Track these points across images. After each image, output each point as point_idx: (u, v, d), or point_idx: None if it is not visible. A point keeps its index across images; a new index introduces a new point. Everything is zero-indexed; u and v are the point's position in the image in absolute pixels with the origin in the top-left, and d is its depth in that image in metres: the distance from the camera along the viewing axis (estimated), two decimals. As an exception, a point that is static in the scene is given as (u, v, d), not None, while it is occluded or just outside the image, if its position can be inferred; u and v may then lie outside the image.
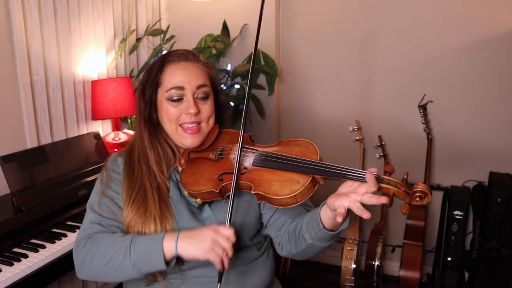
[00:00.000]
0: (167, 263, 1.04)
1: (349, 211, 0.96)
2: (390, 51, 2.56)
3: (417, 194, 0.91)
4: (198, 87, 1.16)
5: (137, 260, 1.03)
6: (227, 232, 1.02)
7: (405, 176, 0.96)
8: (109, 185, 1.17)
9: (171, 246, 1.02)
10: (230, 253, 1.01)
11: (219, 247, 1.00)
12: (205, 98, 1.18)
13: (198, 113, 1.16)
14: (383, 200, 0.90)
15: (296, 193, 0.99)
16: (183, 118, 1.16)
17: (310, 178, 0.99)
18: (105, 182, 1.18)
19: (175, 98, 1.15)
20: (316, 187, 1.02)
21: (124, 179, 1.17)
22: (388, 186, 0.93)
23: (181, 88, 1.15)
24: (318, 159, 1.03)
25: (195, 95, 1.16)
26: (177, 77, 1.16)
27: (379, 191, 0.95)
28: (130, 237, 1.06)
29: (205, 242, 1.00)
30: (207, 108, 1.18)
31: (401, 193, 0.93)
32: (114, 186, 1.17)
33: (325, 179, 0.99)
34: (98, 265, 1.07)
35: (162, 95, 1.17)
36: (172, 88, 1.15)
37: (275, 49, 2.71)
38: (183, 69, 1.17)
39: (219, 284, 1.01)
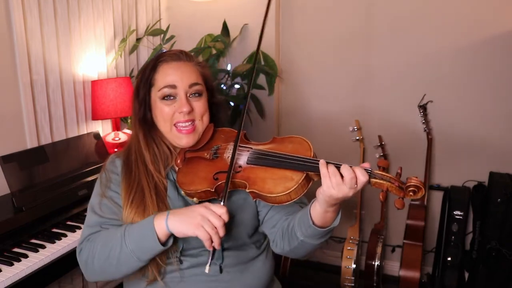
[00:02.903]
0: (164, 243, 1.04)
1: (339, 207, 1.01)
2: (390, 51, 2.56)
3: (411, 188, 0.92)
4: (191, 85, 1.17)
5: (134, 247, 1.04)
6: (219, 210, 1.00)
7: (399, 171, 0.96)
8: (109, 186, 1.18)
9: (162, 225, 1.02)
10: (221, 231, 0.99)
11: (208, 224, 0.98)
12: (198, 95, 1.18)
13: (191, 111, 1.16)
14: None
15: (290, 191, 0.99)
16: (177, 117, 1.16)
17: (304, 175, 1.00)
18: (104, 183, 1.19)
19: (167, 96, 1.16)
20: (311, 183, 1.02)
21: (122, 179, 1.18)
22: (381, 181, 0.94)
23: (173, 86, 1.15)
24: (312, 155, 1.03)
25: (187, 94, 1.17)
26: (169, 76, 1.16)
27: (373, 187, 0.96)
28: (123, 227, 1.08)
29: (195, 218, 0.99)
30: (200, 105, 1.18)
31: (394, 188, 0.93)
32: (113, 186, 1.18)
33: (319, 175, 0.98)
34: (99, 261, 1.08)
35: (155, 94, 1.18)
36: (165, 87, 1.16)
37: (275, 49, 2.71)
38: (175, 68, 1.17)
39: (208, 265, 0.99)
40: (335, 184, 0.94)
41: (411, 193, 0.92)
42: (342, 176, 0.94)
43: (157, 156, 1.19)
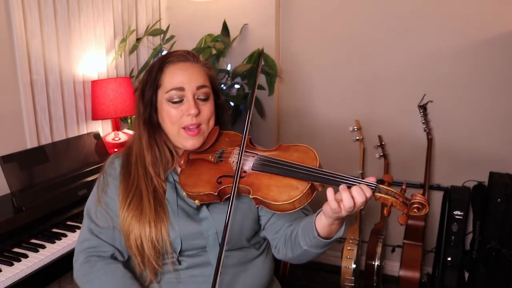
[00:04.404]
0: None
1: (344, 219, 1.01)
2: (390, 51, 2.56)
3: (415, 205, 0.92)
4: (198, 87, 1.15)
5: None
6: None
7: (403, 187, 0.96)
8: (105, 191, 1.19)
9: None
10: None
11: None
12: (205, 99, 1.17)
13: (198, 113, 1.15)
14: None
15: (294, 200, 0.99)
16: (185, 120, 1.15)
17: (309, 185, 1.00)
18: (102, 187, 1.20)
19: (175, 99, 1.14)
20: (315, 193, 1.02)
21: (121, 182, 1.18)
22: (386, 196, 0.94)
23: (181, 89, 1.14)
24: (318, 165, 1.03)
25: (195, 96, 1.15)
26: (177, 78, 1.15)
27: (377, 201, 0.96)
28: None
29: None
30: (207, 109, 1.17)
31: (399, 204, 0.94)
32: (110, 191, 1.19)
33: (323, 186, 0.99)
34: None
35: (162, 96, 1.16)
36: (172, 89, 1.14)
37: (275, 49, 2.71)
38: (182, 69, 1.16)
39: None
40: (347, 208, 0.94)
41: (415, 210, 0.92)
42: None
43: (158, 159, 1.18)
